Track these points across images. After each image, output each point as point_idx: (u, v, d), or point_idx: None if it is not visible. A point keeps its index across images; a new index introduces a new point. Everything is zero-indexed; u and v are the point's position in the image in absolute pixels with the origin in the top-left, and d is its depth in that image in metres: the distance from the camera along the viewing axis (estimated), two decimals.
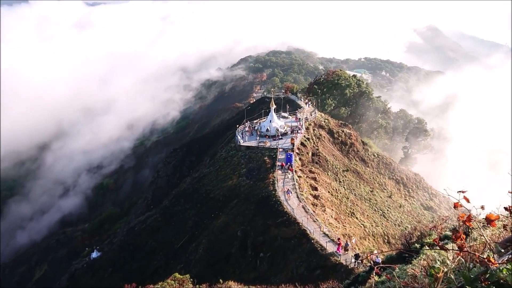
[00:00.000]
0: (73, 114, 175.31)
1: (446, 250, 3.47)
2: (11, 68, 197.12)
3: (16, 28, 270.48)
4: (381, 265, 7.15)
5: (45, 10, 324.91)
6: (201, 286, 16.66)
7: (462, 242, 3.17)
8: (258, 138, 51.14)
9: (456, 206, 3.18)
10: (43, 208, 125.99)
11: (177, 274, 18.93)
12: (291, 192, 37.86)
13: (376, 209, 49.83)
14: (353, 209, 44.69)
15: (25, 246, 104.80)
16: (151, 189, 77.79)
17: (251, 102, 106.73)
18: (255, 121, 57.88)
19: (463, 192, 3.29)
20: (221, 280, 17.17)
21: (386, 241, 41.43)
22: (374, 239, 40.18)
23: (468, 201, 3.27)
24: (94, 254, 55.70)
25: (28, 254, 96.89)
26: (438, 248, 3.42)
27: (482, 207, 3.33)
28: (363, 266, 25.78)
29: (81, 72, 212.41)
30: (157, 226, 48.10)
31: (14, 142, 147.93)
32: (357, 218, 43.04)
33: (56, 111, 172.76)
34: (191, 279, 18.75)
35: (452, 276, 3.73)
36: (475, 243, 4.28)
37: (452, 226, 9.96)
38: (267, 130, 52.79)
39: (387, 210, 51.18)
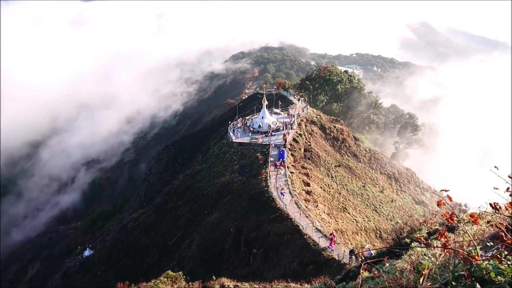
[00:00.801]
0: (69, 111, 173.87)
1: (428, 246, 3.52)
2: (6, 66, 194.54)
3: (12, 26, 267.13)
4: (368, 261, 7.21)
5: (40, 8, 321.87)
6: (194, 283, 16.66)
7: (446, 239, 3.22)
8: (250, 134, 51.07)
9: (439, 204, 3.24)
10: (38, 206, 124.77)
11: (170, 271, 18.90)
12: (283, 189, 37.94)
13: (368, 204, 50.20)
14: (345, 204, 44.96)
15: (19, 244, 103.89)
16: (144, 186, 77.54)
17: (243, 98, 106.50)
18: (247, 118, 57.71)
19: (446, 190, 3.35)
20: (214, 277, 17.17)
21: (378, 235, 41.75)
22: (366, 234, 40.48)
23: (450, 199, 3.33)
24: (87, 252, 55.42)
25: (21, 252, 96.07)
26: (423, 245, 3.47)
27: (466, 205, 3.40)
28: (356, 261, 25.96)
29: (78, 69, 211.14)
30: (150, 223, 48.03)
31: (8, 140, 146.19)
32: (349, 213, 43.31)
33: (52, 108, 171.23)
34: (184, 276, 18.72)
35: (437, 272, 3.79)
36: (461, 239, 4.34)
37: (441, 221, 10.08)
38: (259, 126, 52.73)
39: (379, 205, 51.56)
